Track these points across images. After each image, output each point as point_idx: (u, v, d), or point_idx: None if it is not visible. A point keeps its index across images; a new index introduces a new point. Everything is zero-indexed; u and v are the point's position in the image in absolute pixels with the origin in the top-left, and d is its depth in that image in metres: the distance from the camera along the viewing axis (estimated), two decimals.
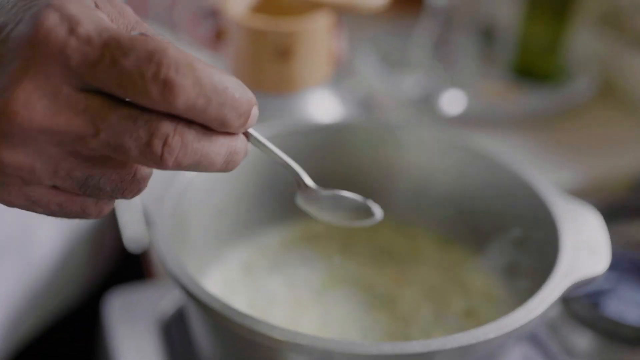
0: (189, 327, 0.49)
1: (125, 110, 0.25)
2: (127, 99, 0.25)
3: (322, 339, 0.34)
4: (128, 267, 0.73)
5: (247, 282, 0.50)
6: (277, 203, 0.54)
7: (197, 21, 0.52)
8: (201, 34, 0.52)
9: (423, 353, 0.33)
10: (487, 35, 0.99)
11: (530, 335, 0.50)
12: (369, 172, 0.54)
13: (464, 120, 0.82)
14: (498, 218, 0.49)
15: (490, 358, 0.39)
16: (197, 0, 0.51)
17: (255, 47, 0.48)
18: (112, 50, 0.24)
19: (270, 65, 0.49)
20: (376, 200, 0.54)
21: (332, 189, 0.38)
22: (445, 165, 0.52)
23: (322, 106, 0.81)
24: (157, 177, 0.45)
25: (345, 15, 0.53)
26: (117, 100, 0.25)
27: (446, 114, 0.82)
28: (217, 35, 0.51)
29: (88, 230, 0.66)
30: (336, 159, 0.53)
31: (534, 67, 0.90)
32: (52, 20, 0.24)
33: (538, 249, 0.44)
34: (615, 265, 0.57)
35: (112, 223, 0.72)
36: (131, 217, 0.81)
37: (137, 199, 0.39)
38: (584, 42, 0.94)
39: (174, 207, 0.44)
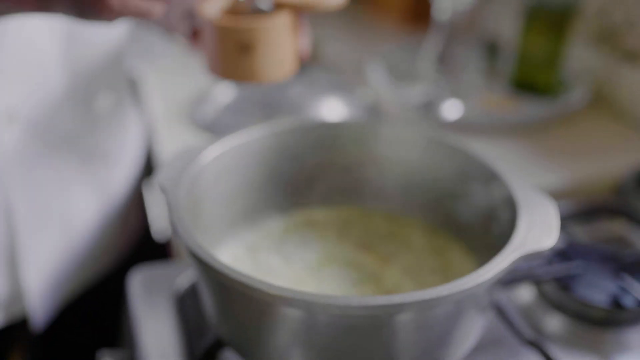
0: (199, 297, 0.56)
1: None
2: None
3: (303, 292, 0.40)
4: (149, 242, 0.82)
5: (251, 259, 0.57)
6: (282, 192, 0.61)
7: (183, 21, 0.61)
8: (183, 32, 0.61)
9: (385, 305, 0.40)
10: (491, 49, 1.06)
11: (493, 306, 0.56)
12: (362, 166, 0.61)
13: (462, 127, 0.88)
14: (473, 205, 0.55)
15: (451, 321, 0.45)
16: (185, 2, 0.60)
17: (222, 42, 0.54)
18: None
19: (235, 58, 0.54)
20: (368, 192, 0.62)
21: None
22: (430, 160, 0.58)
23: (334, 110, 0.89)
24: (175, 163, 0.53)
25: (309, 16, 0.58)
26: None
27: (445, 121, 0.89)
28: (194, 34, 0.59)
29: (117, 208, 0.75)
30: (333, 153, 0.60)
31: (532, 81, 0.95)
32: None
33: (504, 230, 0.50)
34: (587, 255, 0.62)
35: (137, 205, 0.81)
36: (158, 213, 0.90)
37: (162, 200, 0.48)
38: (579, 56, 1.00)
39: (188, 191, 0.51)
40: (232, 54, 0.54)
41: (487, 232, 0.54)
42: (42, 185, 0.65)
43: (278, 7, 0.55)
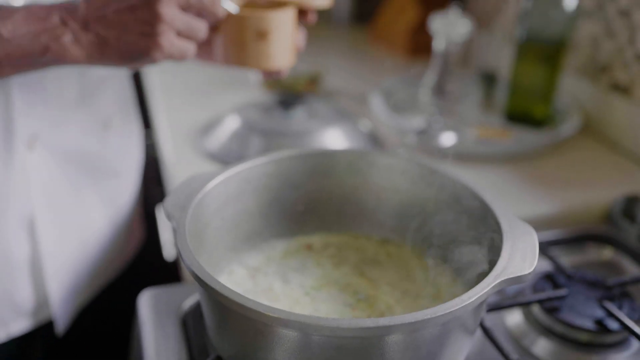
0: (201, 316, 0.60)
1: None
2: None
3: (297, 314, 0.43)
4: (150, 248, 0.88)
5: (252, 281, 0.60)
6: (282, 218, 0.64)
7: None
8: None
9: (372, 327, 0.43)
10: (490, 81, 1.09)
11: (483, 329, 0.59)
12: (357, 193, 0.64)
13: (457, 156, 0.91)
14: (462, 232, 0.58)
15: (438, 342, 0.47)
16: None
17: (241, 30, 0.63)
18: None
19: (252, 45, 0.63)
20: (363, 218, 0.65)
21: None
22: (422, 188, 0.62)
23: (335, 139, 0.92)
24: (181, 190, 0.56)
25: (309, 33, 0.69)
26: None
27: (441, 150, 0.92)
28: (213, 29, 0.64)
29: (123, 217, 0.81)
30: (330, 181, 0.64)
31: (524, 112, 0.99)
32: None
33: (489, 255, 0.53)
34: (573, 280, 0.65)
35: (139, 216, 0.87)
36: (168, 238, 0.94)
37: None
38: (569, 88, 1.03)
39: (193, 217, 0.55)
40: (249, 40, 0.63)
41: (474, 257, 0.57)
42: (60, 200, 0.70)
43: (284, 4, 0.65)
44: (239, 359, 0.51)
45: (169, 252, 0.94)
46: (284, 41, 0.64)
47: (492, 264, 0.51)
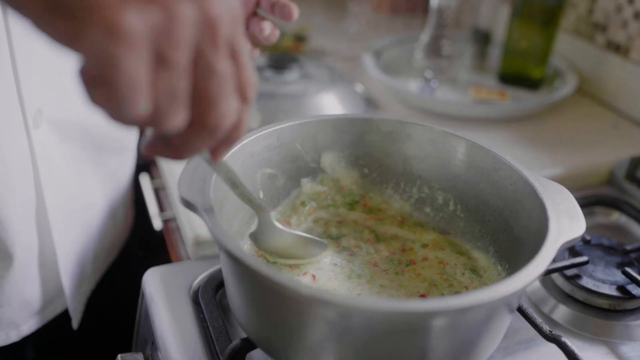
0: (214, 295, 0.57)
1: None
2: None
3: (345, 296, 0.40)
4: (143, 230, 0.83)
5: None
6: (283, 193, 0.61)
7: None
8: None
9: (429, 312, 0.39)
10: (483, 40, 1.07)
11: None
12: (365, 160, 0.61)
13: (453, 117, 0.89)
14: (492, 202, 0.56)
15: (486, 322, 0.45)
16: None
17: None
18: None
19: None
20: (390, 184, 0.61)
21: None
22: (450, 157, 0.58)
23: (330, 102, 0.89)
24: (193, 175, 0.51)
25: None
26: None
27: (437, 112, 0.90)
28: None
29: (121, 197, 0.77)
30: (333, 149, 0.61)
31: (519, 73, 0.97)
32: None
33: (526, 223, 0.51)
34: (589, 246, 0.65)
35: (134, 194, 0.83)
36: (155, 211, 0.90)
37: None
38: (566, 47, 1.02)
39: (211, 199, 0.50)
40: None
41: (502, 219, 0.54)
42: (66, 180, 0.65)
43: None
44: (275, 342, 0.48)
45: (156, 222, 0.90)
46: None
47: (531, 229, 0.48)
